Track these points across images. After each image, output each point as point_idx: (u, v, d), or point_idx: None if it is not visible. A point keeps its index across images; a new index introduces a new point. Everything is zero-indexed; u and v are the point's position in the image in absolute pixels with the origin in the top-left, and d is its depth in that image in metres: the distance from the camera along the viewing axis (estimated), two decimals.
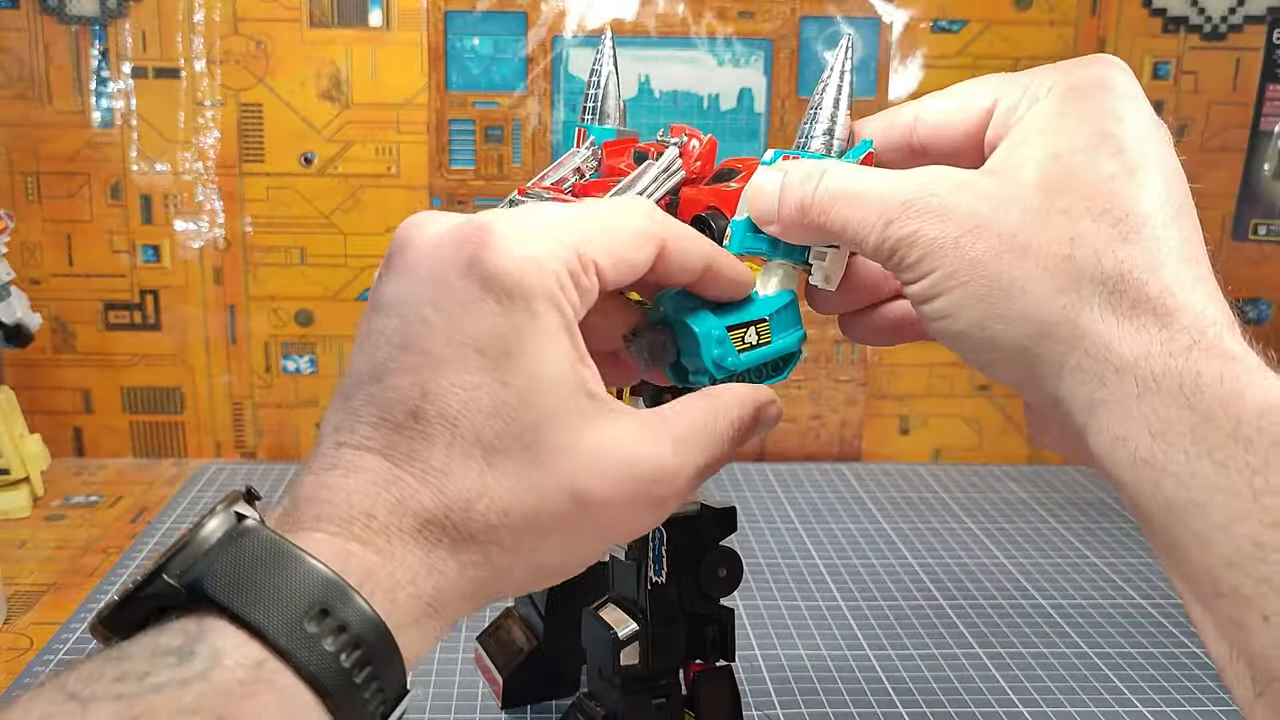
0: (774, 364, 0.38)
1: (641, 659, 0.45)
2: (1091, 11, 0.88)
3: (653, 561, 0.45)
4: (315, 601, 0.26)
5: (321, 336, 0.90)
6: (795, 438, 0.94)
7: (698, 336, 0.36)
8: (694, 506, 0.46)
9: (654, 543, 0.45)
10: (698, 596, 0.46)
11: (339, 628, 0.26)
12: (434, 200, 0.88)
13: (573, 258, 0.30)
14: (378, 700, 0.27)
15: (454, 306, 0.29)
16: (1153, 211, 0.31)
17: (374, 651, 0.27)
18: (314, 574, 0.27)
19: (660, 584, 0.45)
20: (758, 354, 0.37)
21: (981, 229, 0.32)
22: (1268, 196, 0.91)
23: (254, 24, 0.85)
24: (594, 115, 0.48)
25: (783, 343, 0.38)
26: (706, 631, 0.46)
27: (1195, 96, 0.90)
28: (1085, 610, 0.67)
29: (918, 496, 0.86)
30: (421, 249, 0.31)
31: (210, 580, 0.26)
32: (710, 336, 0.36)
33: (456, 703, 0.55)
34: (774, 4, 0.87)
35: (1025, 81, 0.34)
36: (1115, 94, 0.33)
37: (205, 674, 0.25)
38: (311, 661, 0.26)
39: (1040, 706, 0.56)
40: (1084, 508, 0.84)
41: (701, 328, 0.36)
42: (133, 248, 0.88)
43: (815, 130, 0.38)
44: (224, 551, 0.27)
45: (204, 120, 0.86)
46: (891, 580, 0.70)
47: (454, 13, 0.85)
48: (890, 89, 0.89)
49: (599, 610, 0.47)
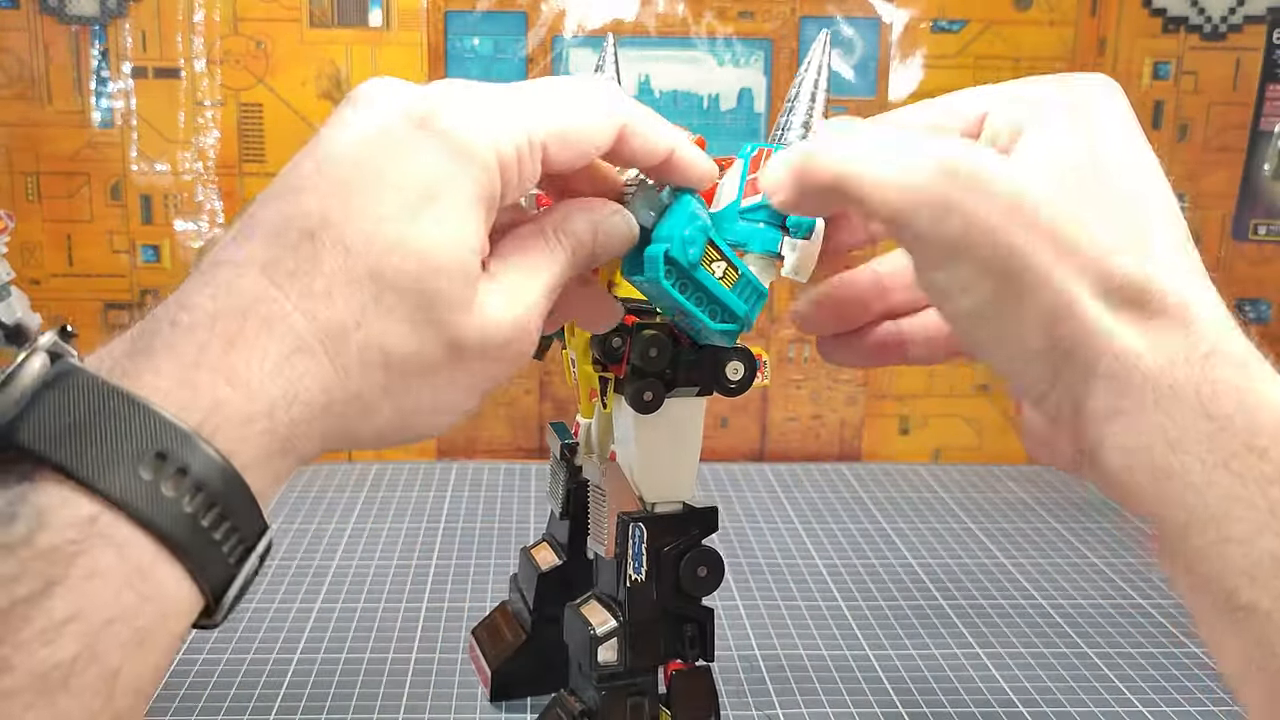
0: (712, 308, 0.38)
1: (619, 656, 0.45)
2: (1091, 11, 0.88)
3: (632, 559, 0.45)
4: (148, 445, 0.24)
5: None
6: (795, 438, 0.94)
7: (690, 215, 0.36)
8: (676, 506, 0.46)
9: (634, 540, 0.45)
10: (677, 595, 0.46)
11: (179, 471, 0.25)
12: None
13: (522, 139, 0.31)
14: (232, 542, 0.26)
15: (390, 145, 0.30)
16: (1159, 228, 0.32)
17: (221, 494, 0.25)
18: (146, 415, 0.25)
19: (640, 581, 0.45)
20: (712, 282, 0.37)
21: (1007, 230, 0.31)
22: (1268, 196, 0.91)
23: (254, 24, 0.85)
24: None
25: (734, 300, 0.38)
26: (686, 631, 0.46)
27: (1195, 96, 0.90)
28: (1085, 610, 0.67)
29: (918, 496, 0.86)
30: (376, 104, 0.31)
31: (26, 430, 0.24)
32: (696, 220, 0.36)
33: (457, 690, 0.55)
34: (774, 4, 0.87)
35: (1013, 94, 0.34)
36: (1107, 111, 0.34)
37: (29, 538, 0.23)
38: (150, 509, 0.24)
39: (1040, 706, 0.56)
40: (1084, 508, 0.84)
41: (697, 208, 0.36)
42: (133, 248, 0.88)
43: (793, 122, 0.39)
44: (42, 397, 0.25)
45: (204, 120, 0.86)
46: (891, 580, 0.70)
47: (454, 13, 0.85)
48: (890, 89, 0.89)
49: (581, 606, 0.47)
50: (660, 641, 0.46)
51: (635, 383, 0.43)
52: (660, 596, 0.45)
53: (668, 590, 0.45)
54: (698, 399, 0.45)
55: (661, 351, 0.42)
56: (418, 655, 0.59)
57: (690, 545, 0.45)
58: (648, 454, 0.45)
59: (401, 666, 0.58)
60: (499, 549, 0.73)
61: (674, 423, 0.45)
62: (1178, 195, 0.33)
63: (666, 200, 0.37)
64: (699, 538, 0.46)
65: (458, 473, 0.88)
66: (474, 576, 0.69)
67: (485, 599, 0.66)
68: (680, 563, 0.45)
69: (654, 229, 0.37)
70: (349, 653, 0.59)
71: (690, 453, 0.46)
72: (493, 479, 0.87)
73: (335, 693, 0.55)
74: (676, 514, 0.46)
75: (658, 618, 0.46)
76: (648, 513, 0.45)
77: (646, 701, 0.46)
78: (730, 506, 0.82)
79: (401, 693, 0.55)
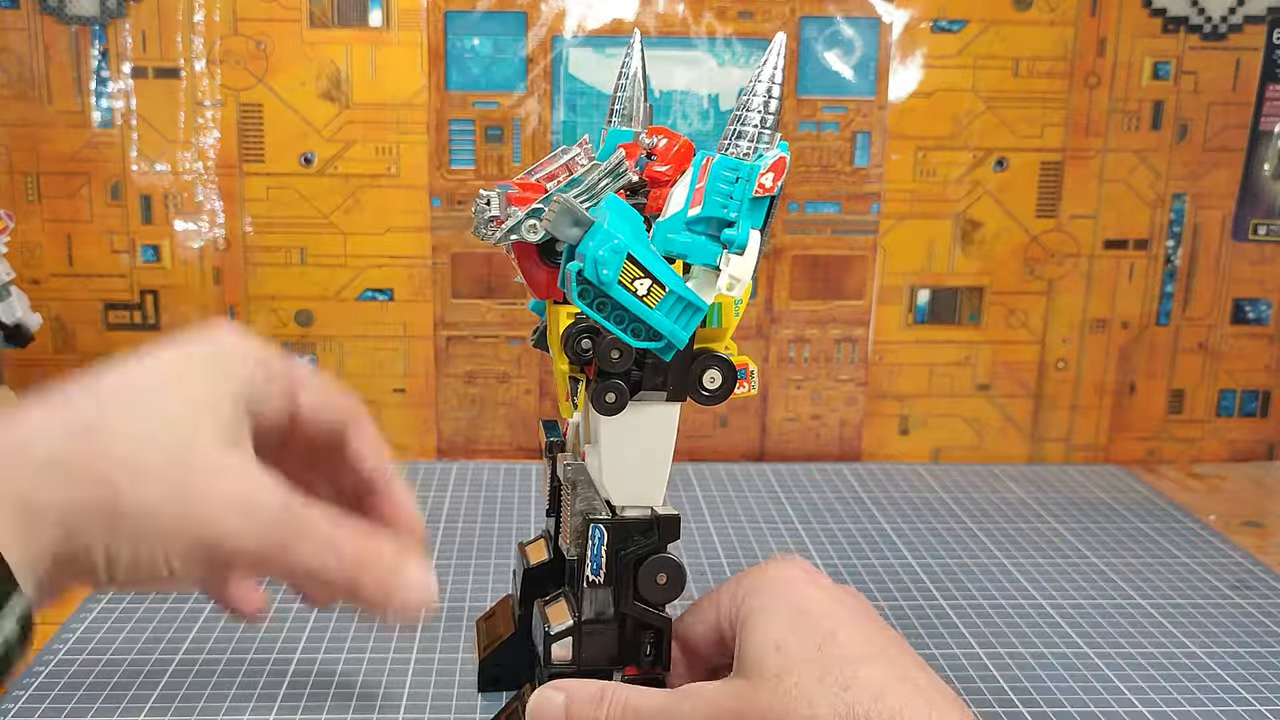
0: (635, 328, 0.38)
1: (573, 655, 0.46)
2: (1091, 12, 0.88)
3: (590, 560, 0.45)
4: None
5: (321, 337, 0.90)
6: (795, 437, 0.95)
7: (606, 235, 0.36)
8: (645, 511, 0.46)
9: (594, 542, 0.45)
10: (634, 601, 0.46)
11: None
12: (434, 200, 0.88)
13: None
14: None
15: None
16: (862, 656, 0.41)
17: None
18: None
19: (596, 583, 0.45)
20: (630, 300, 0.37)
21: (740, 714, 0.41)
22: (1268, 196, 0.91)
23: (254, 24, 0.85)
24: (621, 118, 0.48)
25: (659, 321, 0.38)
26: (643, 637, 0.47)
27: (1195, 96, 0.90)
28: (1085, 610, 0.67)
29: (918, 496, 0.86)
30: None
31: None
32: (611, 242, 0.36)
33: (457, 690, 0.55)
34: (774, 4, 0.87)
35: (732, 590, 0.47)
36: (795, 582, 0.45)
37: None
38: None
39: (1040, 706, 0.56)
40: (1084, 508, 0.84)
41: (615, 227, 0.36)
42: (133, 248, 0.88)
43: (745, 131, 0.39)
44: None
45: (204, 120, 0.86)
46: (891, 580, 0.70)
47: (454, 13, 0.85)
48: (890, 89, 0.89)
49: (549, 604, 0.48)
50: (614, 645, 0.46)
51: (598, 384, 0.43)
52: (618, 601, 0.46)
53: (626, 595, 0.46)
54: (669, 404, 0.45)
55: (624, 355, 0.42)
56: (418, 655, 0.59)
57: (651, 551, 0.45)
58: (613, 457, 0.45)
59: (402, 665, 0.58)
60: (499, 548, 0.73)
61: (641, 426, 0.45)
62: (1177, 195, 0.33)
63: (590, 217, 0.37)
64: (661, 545, 0.46)
65: (458, 472, 0.88)
66: (474, 575, 0.69)
67: (485, 598, 0.66)
68: (638, 568, 0.45)
69: (580, 244, 0.37)
70: (349, 652, 0.59)
71: (659, 458, 0.46)
72: (493, 478, 0.87)
73: (335, 692, 0.55)
74: (640, 519, 0.46)
75: (610, 620, 0.46)
76: (610, 516, 0.45)
77: None
78: (730, 506, 0.82)
79: (402, 692, 0.55)
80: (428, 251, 0.89)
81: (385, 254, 0.89)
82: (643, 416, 0.45)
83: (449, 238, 0.89)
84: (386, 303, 0.90)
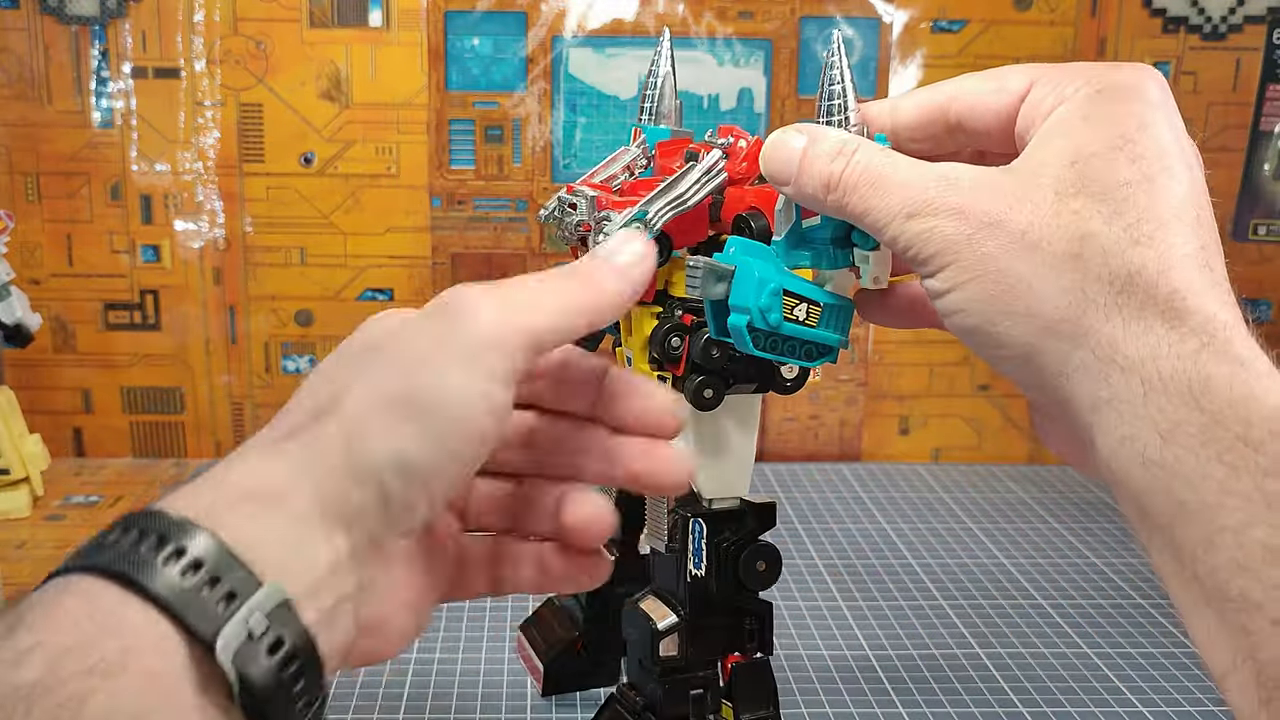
0: (806, 350, 0.38)
1: (680, 650, 0.46)
2: (1091, 12, 0.88)
3: (693, 554, 0.46)
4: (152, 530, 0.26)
5: (321, 337, 0.90)
6: (795, 438, 0.95)
7: (758, 281, 0.36)
8: (734, 502, 0.46)
9: (694, 536, 0.46)
10: (737, 590, 0.46)
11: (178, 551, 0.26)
12: (434, 200, 0.88)
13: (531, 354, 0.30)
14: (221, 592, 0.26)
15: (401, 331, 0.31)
16: (1168, 218, 0.31)
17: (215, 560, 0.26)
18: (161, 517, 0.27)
19: (700, 577, 0.46)
20: (798, 329, 0.38)
21: (995, 226, 0.32)
22: (1268, 196, 0.91)
23: (254, 24, 0.85)
24: (650, 115, 0.48)
25: (824, 335, 0.38)
26: (745, 624, 0.47)
27: (1195, 96, 0.90)
28: (1085, 610, 0.67)
29: (918, 496, 0.86)
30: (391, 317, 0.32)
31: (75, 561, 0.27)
32: (766, 285, 0.36)
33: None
34: (774, 4, 0.87)
35: (1059, 76, 0.34)
36: (1143, 101, 0.33)
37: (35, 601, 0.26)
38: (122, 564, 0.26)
39: (1040, 706, 0.56)
40: (1084, 508, 0.84)
41: (763, 274, 0.36)
42: (133, 248, 0.88)
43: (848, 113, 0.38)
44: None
45: (204, 120, 0.86)
46: (891, 580, 0.70)
47: (454, 13, 0.85)
48: (890, 89, 0.89)
49: (639, 602, 0.48)
50: (720, 635, 0.47)
51: (695, 380, 0.44)
52: (719, 591, 0.46)
53: (727, 585, 0.46)
54: (754, 396, 0.46)
55: (722, 350, 0.43)
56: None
57: (749, 540, 0.46)
58: (706, 451, 0.46)
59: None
60: None
61: (731, 420, 0.46)
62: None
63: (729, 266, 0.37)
64: (757, 532, 0.46)
65: None
66: None
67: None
68: (739, 557, 0.46)
69: (729, 298, 0.37)
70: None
71: (747, 449, 0.47)
72: None
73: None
74: (734, 509, 0.46)
75: (717, 611, 0.46)
76: (706, 508, 0.46)
77: (708, 694, 0.47)
78: None
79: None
80: (428, 251, 0.89)
81: (385, 254, 0.89)
82: (733, 410, 0.45)
83: (449, 238, 0.89)
84: (387, 303, 0.90)
